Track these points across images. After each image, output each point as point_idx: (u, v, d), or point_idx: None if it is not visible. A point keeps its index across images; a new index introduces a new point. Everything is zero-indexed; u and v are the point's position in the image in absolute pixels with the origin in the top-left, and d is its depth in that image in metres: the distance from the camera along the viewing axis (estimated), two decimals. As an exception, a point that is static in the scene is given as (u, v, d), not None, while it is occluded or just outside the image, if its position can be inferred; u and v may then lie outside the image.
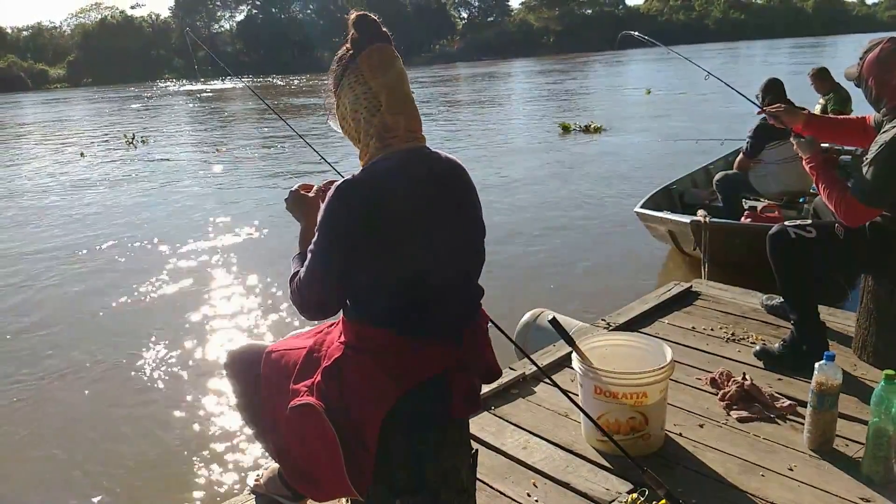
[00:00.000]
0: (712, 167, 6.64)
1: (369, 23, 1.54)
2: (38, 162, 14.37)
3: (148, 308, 5.56)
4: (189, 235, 7.59)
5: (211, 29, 68.90)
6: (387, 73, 1.51)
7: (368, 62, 1.51)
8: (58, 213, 9.20)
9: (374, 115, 1.51)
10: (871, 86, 2.58)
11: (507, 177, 9.95)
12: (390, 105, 1.51)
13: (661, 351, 2.30)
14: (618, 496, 2.05)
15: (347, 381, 1.54)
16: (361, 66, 1.51)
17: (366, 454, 1.50)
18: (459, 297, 1.61)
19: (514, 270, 5.90)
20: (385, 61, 1.52)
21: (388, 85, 1.51)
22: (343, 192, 1.46)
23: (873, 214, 2.55)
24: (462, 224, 1.59)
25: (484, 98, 24.40)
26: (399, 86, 1.53)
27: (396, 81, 1.52)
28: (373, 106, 1.51)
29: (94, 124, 22.37)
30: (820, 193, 2.69)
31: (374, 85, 1.51)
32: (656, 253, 5.97)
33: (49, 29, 65.17)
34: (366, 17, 1.54)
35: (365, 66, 1.51)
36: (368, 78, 1.51)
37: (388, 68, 1.52)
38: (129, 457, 3.51)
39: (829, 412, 2.17)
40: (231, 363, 1.87)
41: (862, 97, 2.72)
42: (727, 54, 43.57)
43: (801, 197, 5.31)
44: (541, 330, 3.39)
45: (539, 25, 75.54)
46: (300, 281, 1.55)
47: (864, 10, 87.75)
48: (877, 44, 2.58)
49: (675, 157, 9.40)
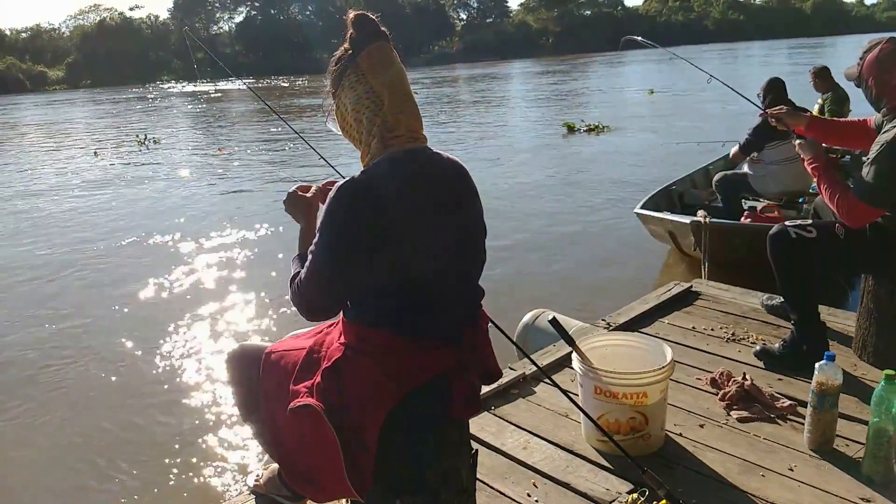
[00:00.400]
0: (712, 167, 6.66)
1: (368, 22, 1.53)
2: (54, 163, 14.45)
3: (148, 307, 5.55)
4: (200, 234, 7.61)
5: (210, 30, 68.93)
6: (388, 71, 1.51)
7: (369, 61, 1.50)
8: (75, 213, 9.24)
9: (376, 114, 1.50)
10: (871, 86, 2.58)
11: (508, 176, 9.96)
12: (392, 104, 1.50)
13: (661, 351, 2.30)
14: (618, 496, 2.05)
15: (347, 382, 1.53)
16: (362, 65, 1.51)
17: (366, 455, 1.50)
18: (460, 298, 1.61)
19: (514, 270, 5.90)
20: (386, 60, 1.52)
21: (390, 83, 1.50)
22: (344, 193, 1.46)
23: (875, 215, 2.55)
24: (463, 225, 1.59)
25: (485, 98, 24.39)
26: (400, 85, 1.53)
27: (398, 80, 1.52)
28: (375, 105, 1.50)
29: (103, 125, 22.44)
30: (822, 194, 2.69)
31: (375, 84, 1.50)
32: (656, 253, 5.97)
33: (48, 31, 65.22)
34: (365, 17, 1.54)
35: (366, 65, 1.50)
36: (369, 77, 1.50)
37: (388, 67, 1.51)
38: (127, 457, 3.50)
39: (830, 412, 2.17)
40: (231, 363, 1.87)
41: (860, 98, 2.72)
42: (726, 55, 43.62)
43: (800, 197, 5.32)
44: (541, 330, 3.38)
45: (538, 26, 75.60)
46: (301, 282, 1.54)
47: (862, 10, 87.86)
48: (876, 44, 2.58)
49: (677, 157, 9.37)
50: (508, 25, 76.37)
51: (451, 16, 78.10)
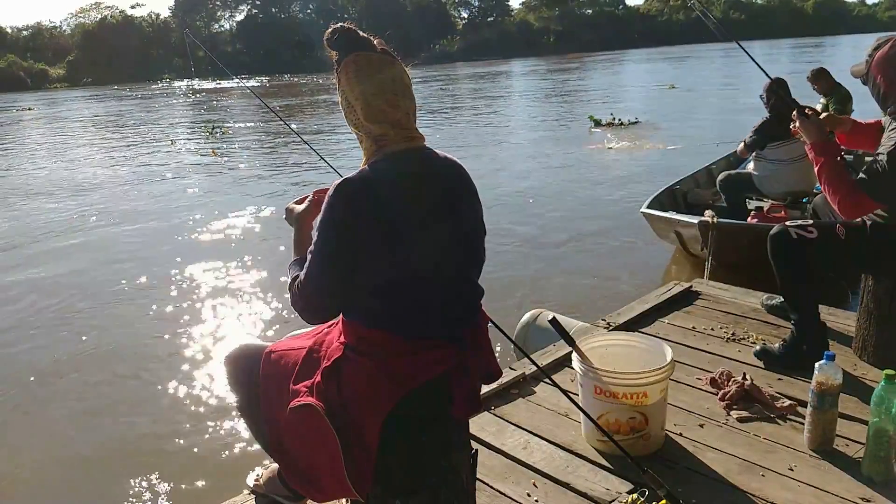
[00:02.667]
0: (714, 167, 6.63)
1: (340, 36, 1.55)
2: (130, 151, 14.76)
3: (147, 307, 5.55)
4: (196, 229, 7.60)
5: (211, 29, 68.86)
6: (363, 82, 1.52)
7: (346, 74, 1.54)
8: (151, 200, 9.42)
9: (357, 125, 1.56)
10: (879, 84, 2.56)
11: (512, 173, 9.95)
12: (367, 115, 1.53)
13: (661, 351, 2.30)
14: (618, 496, 2.05)
15: (347, 381, 1.54)
16: (341, 78, 1.55)
17: (366, 455, 1.50)
18: (459, 298, 1.61)
19: (514, 270, 5.89)
20: (360, 71, 1.53)
21: (364, 95, 1.53)
22: (342, 191, 1.47)
23: (872, 208, 2.53)
24: (461, 224, 1.59)
25: (484, 97, 24.40)
26: (390, 85, 1.53)
27: (376, 89, 1.52)
28: (354, 115, 1.55)
29: (152, 119, 22.46)
30: (820, 182, 2.61)
31: (350, 97, 1.54)
32: (661, 253, 5.95)
33: (49, 28, 65.10)
34: (336, 32, 1.56)
35: (343, 79, 1.55)
36: (346, 90, 1.55)
37: (364, 78, 1.53)
38: (126, 457, 3.50)
39: (830, 412, 2.17)
40: (231, 363, 1.87)
41: (863, 96, 2.69)
42: (726, 55, 43.53)
43: (804, 197, 5.30)
44: (540, 330, 3.38)
45: (539, 25, 75.51)
46: (301, 282, 1.54)
47: (864, 10, 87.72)
48: (885, 41, 2.55)
49: (692, 157, 9.24)
50: (509, 24, 76.30)
51: (452, 15, 78.04)
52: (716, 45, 55.58)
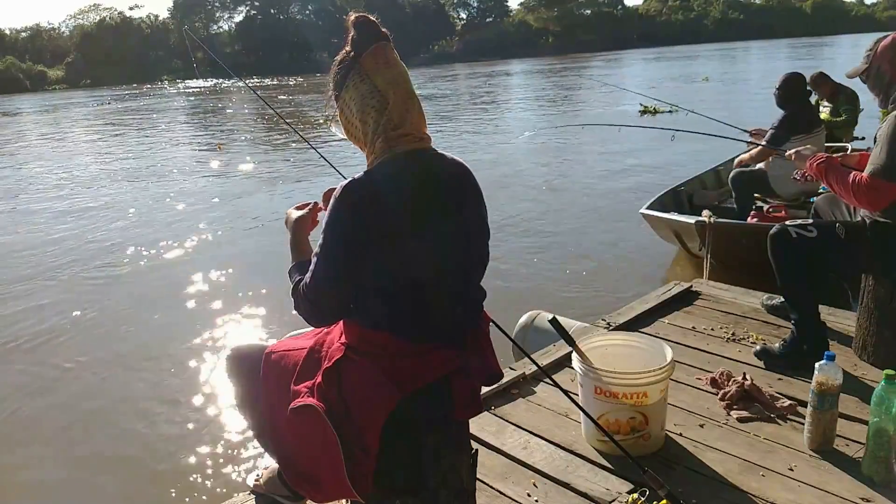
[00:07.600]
0: (722, 168, 6.54)
1: (369, 23, 1.54)
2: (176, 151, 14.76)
3: (147, 306, 5.55)
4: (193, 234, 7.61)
5: (209, 30, 68.89)
6: (391, 70, 1.51)
7: (372, 61, 1.51)
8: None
9: (381, 113, 1.50)
10: (885, 71, 2.60)
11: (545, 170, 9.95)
12: (397, 102, 1.50)
13: (661, 351, 2.30)
14: (618, 496, 2.05)
15: (348, 382, 1.53)
16: (365, 66, 1.51)
17: (366, 456, 1.50)
18: (461, 300, 1.61)
19: (514, 270, 5.89)
20: (388, 60, 1.52)
21: (394, 82, 1.51)
22: (348, 192, 1.46)
23: (894, 189, 2.50)
24: (465, 226, 1.59)
25: (484, 96, 24.41)
26: (404, 84, 1.53)
27: (401, 79, 1.52)
28: (380, 104, 1.50)
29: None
30: (833, 188, 2.65)
31: (379, 83, 1.50)
32: (664, 254, 5.94)
33: (47, 30, 65.20)
34: (365, 18, 1.54)
35: (369, 65, 1.51)
36: (373, 76, 1.50)
37: (391, 66, 1.52)
38: (126, 457, 3.50)
39: (830, 412, 2.17)
40: (231, 363, 1.87)
41: (864, 96, 2.72)
42: (726, 55, 43.60)
43: (811, 197, 5.24)
44: (539, 331, 3.38)
45: (538, 26, 75.60)
46: (306, 285, 1.53)
47: (862, 10, 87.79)
48: (886, 35, 2.64)
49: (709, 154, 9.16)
50: (508, 25, 76.38)
51: (451, 15, 78.12)
52: (715, 44, 55.63)
